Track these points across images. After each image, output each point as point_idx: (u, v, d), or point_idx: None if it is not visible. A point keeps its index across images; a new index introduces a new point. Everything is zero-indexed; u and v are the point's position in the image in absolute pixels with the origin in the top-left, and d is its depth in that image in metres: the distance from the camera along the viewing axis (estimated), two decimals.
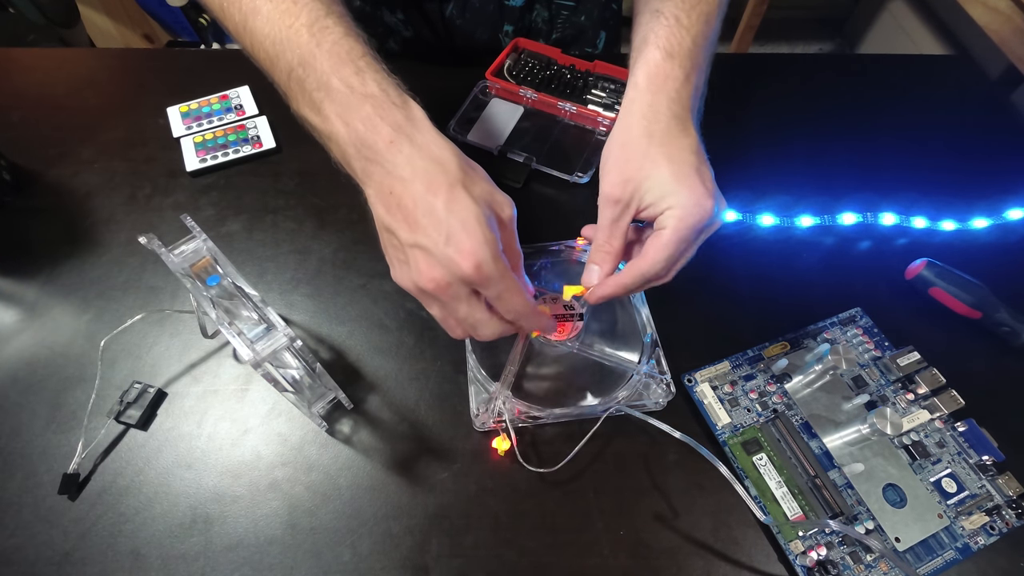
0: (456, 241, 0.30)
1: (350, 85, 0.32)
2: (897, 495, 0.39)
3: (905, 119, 0.63)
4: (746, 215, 0.53)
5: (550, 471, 0.40)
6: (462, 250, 0.30)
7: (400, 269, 0.34)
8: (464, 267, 0.30)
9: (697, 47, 0.37)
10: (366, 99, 0.32)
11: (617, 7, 0.73)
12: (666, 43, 0.37)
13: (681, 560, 0.38)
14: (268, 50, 0.34)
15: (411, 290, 0.34)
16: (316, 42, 0.33)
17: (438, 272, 0.31)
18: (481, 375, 0.42)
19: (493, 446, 0.41)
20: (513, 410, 0.41)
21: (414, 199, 0.31)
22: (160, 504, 0.39)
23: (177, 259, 0.36)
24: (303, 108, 0.35)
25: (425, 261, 0.31)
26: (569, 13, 0.68)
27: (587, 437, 0.39)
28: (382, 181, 0.32)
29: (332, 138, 0.34)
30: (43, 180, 0.56)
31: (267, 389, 0.44)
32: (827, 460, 0.40)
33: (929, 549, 0.38)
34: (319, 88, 0.33)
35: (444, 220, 0.30)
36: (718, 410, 0.42)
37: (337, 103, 0.32)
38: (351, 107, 0.32)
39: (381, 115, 0.32)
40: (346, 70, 0.33)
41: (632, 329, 0.46)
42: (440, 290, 0.32)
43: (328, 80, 0.32)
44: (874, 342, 0.46)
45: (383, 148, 0.31)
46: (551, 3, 0.67)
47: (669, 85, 0.36)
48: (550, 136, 0.59)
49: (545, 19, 0.69)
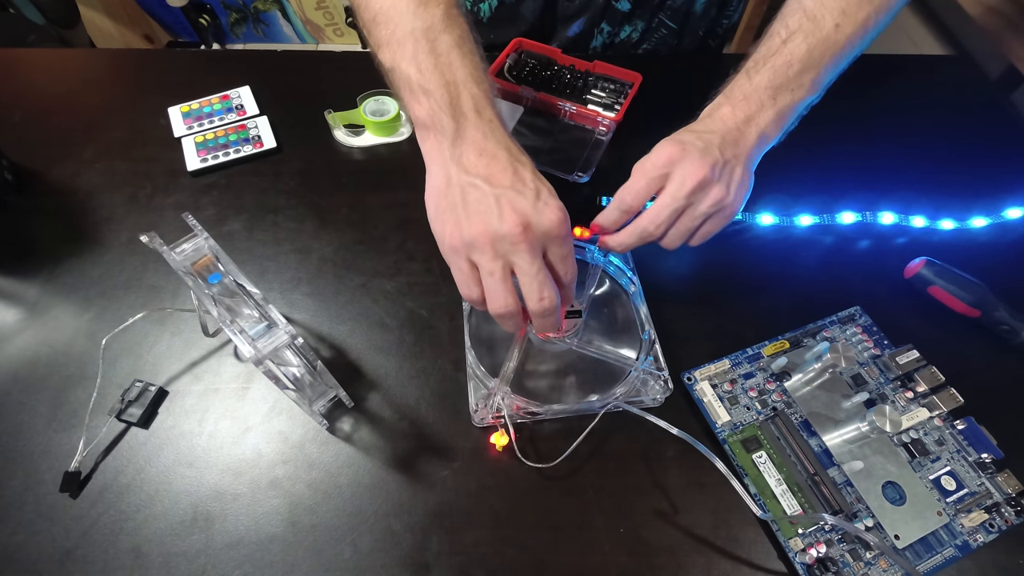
0: (545, 198, 0.35)
1: (471, 68, 0.38)
2: (896, 493, 0.39)
3: (904, 119, 0.63)
4: (745, 214, 0.54)
5: (549, 466, 0.40)
6: (551, 205, 0.35)
7: (474, 219, 0.35)
8: (552, 218, 0.34)
9: (758, 88, 0.42)
10: (480, 84, 0.38)
11: (714, 44, 0.74)
12: (727, 88, 0.43)
13: (681, 557, 0.38)
14: (394, 6, 0.38)
15: (481, 239, 0.34)
16: (452, 23, 0.38)
17: (526, 218, 0.34)
18: (480, 371, 0.42)
19: (492, 442, 0.41)
20: (512, 406, 0.41)
21: (505, 163, 0.35)
22: (161, 502, 0.39)
23: (179, 257, 0.36)
24: (406, 61, 0.38)
25: (515, 206, 0.34)
26: (667, 34, 0.70)
27: (585, 432, 0.39)
28: (476, 144, 0.36)
29: (430, 95, 0.37)
30: (44, 180, 0.56)
31: (268, 387, 0.44)
32: (827, 458, 0.40)
33: (928, 546, 0.38)
34: (438, 54, 0.37)
35: (533, 182, 0.35)
36: (718, 408, 0.42)
37: (454, 73, 0.37)
38: (466, 83, 0.37)
39: (489, 101, 0.38)
40: (470, 58, 0.38)
41: (630, 327, 0.46)
42: (522, 235, 0.34)
43: (451, 54, 0.37)
44: (873, 340, 0.46)
45: (484, 122, 0.37)
46: (653, 19, 0.68)
47: (716, 114, 0.42)
48: (550, 136, 0.59)
49: (641, 31, 0.69)
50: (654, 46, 0.71)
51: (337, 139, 0.59)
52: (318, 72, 0.66)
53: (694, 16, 0.69)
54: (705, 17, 0.70)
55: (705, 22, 0.70)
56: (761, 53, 0.43)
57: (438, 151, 0.37)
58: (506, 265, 0.35)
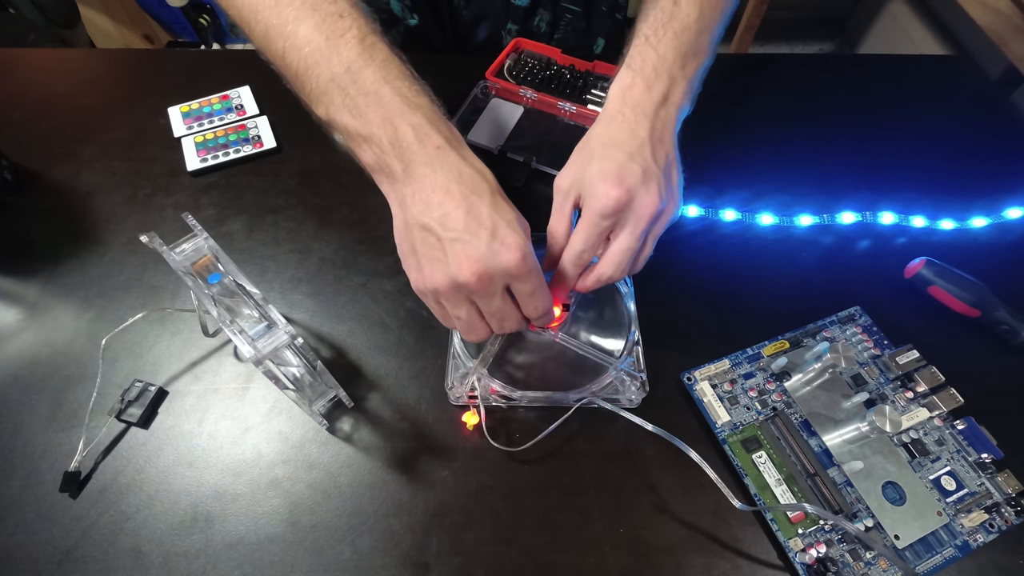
0: (502, 236, 0.33)
1: (403, 95, 0.35)
2: (896, 493, 0.39)
3: (904, 119, 0.63)
4: (745, 214, 0.54)
5: (516, 450, 0.41)
6: (508, 244, 0.33)
7: (431, 267, 0.35)
8: (510, 259, 0.33)
9: (666, 59, 0.39)
10: (418, 108, 0.35)
11: (622, 17, 0.73)
12: (632, 60, 0.40)
13: (680, 557, 0.38)
14: (307, 56, 0.36)
15: (441, 288, 0.35)
16: (368, 55, 0.35)
17: (481, 265, 0.33)
18: (463, 352, 0.43)
19: (463, 420, 0.41)
20: (488, 388, 0.42)
21: (459, 199, 0.33)
22: (161, 502, 0.39)
23: (178, 257, 0.36)
24: (339, 112, 0.36)
25: (468, 255, 0.33)
26: (573, 18, 0.68)
27: (555, 425, 0.41)
28: (425, 181, 0.34)
29: (371, 140, 0.35)
30: (44, 180, 0.56)
31: (268, 388, 0.44)
32: (826, 458, 0.40)
33: (928, 547, 0.38)
34: (366, 94, 0.35)
35: (489, 217, 0.33)
36: (717, 408, 0.42)
37: (386, 108, 0.35)
38: (402, 114, 0.35)
39: (432, 125, 0.35)
40: (399, 82, 0.35)
41: (616, 325, 0.46)
42: (480, 282, 0.33)
43: (379, 88, 0.35)
44: (873, 340, 0.46)
45: (430, 153, 0.34)
46: (556, 6, 0.68)
47: (630, 95, 0.39)
48: (550, 136, 0.59)
49: (548, 22, 0.69)
50: (565, 33, 0.70)
51: (337, 139, 0.59)
52: None
53: None
54: None
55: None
56: (656, 17, 0.40)
57: (393, 192, 0.37)
58: (470, 306, 0.36)
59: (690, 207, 0.54)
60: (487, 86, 0.61)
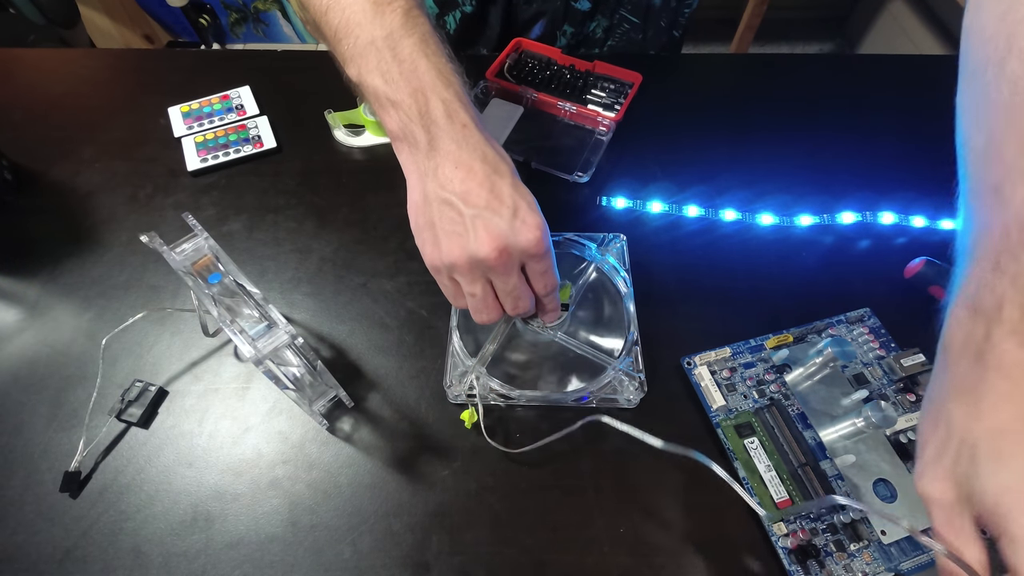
0: (523, 215, 0.34)
1: (439, 69, 0.36)
2: (888, 490, 0.39)
3: (905, 119, 0.63)
4: (745, 214, 0.54)
5: (517, 451, 0.40)
6: (528, 223, 0.34)
7: (449, 242, 0.35)
8: (530, 237, 0.34)
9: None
10: (450, 86, 0.36)
11: (679, 35, 0.73)
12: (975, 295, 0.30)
13: (681, 557, 0.38)
14: (351, 17, 0.37)
15: (459, 263, 0.35)
16: (412, 25, 0.36)
17: (502, 241, 0.33)
18: (461, 351, 0.43)
19: (461, 418, 0.41)
20: (486, 387, 0.42)
21: (482, 177, 0.34)
22: (161, 502, 0.39)
23: (179, 257, 0.36)
24: (371, 74, 0.36)
25: (489, 230, 0.33)
26: (630, 28, 0.69)
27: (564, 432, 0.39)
28: (449, 156, 0.34)
29: (399, 106, 0.35)
30: (44, 179, 0.56)
31: (268, 387, 0.44)
32: (820, 451, 0.40)
33: (916, 545, 0.37)
34: (402, 62, 0.35)
35: (510, 197, 0.34)
36: (714, 392, 0.42)
37: (420, 79, 0.35)
38: (435, 88, 0.35)
39: (461, 103, 0.35)
40: (437, 58, 0.36)
41: (615, 325, 0.46)
42: (500, 258, 0.34)
43: (416, 59, 0.35)
44: (880, 342, 0.46)
45: (457, 130, 0.35)
46: (615, 14, 0.68)
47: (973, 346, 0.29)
48: (550, 136, 0.59)
49: (605, 28, 0.69)
50: (619, 42, 0.71)
51: (337, 139, 0.59)
52: (318, 72, 0.66)
53: (655, 9, 0.69)
54: (666, 8, 0.69)
55: (667, 13, 0.70)
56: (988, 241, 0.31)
57: (413, 164, 0.36)
58: (486, 283, 0.36)
59: (690, 207, 0.54)
60: (487, 86, 0.61)
